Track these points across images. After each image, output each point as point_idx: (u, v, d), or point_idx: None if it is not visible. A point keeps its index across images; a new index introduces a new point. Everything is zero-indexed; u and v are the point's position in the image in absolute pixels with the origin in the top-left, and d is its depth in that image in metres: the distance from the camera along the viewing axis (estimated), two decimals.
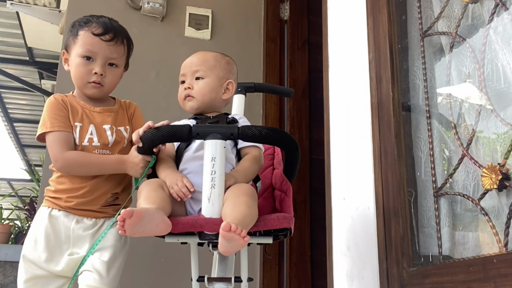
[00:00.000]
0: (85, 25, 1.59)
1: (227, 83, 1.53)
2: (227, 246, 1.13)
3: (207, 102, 1.51)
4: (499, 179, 1.22)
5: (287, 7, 3.18)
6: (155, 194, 1.27)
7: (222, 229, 1.08)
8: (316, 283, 2.78)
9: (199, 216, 1.25)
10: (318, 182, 2.48)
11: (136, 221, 1.12)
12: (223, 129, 1.28)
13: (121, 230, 1.11)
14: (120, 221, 1.10)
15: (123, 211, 1.10)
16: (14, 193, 6.56)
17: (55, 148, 1.53)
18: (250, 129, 1.29)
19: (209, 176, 1.25)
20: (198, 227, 1.22)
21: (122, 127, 1.63)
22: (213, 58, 1.55)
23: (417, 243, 1.49)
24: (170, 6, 2.95)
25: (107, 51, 1.58)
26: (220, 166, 1.25)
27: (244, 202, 1.23)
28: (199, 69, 1.52)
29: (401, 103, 1.61)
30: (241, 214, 1.18)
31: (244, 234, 1.09)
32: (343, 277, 1.71)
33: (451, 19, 1.52)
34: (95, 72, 1.57)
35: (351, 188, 1.75)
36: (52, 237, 1.52)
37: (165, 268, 2.59)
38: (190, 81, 1.52)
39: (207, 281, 1.30)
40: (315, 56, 3.07)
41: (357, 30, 1.83)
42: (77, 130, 1.56)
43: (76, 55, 1.58)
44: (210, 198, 1.24)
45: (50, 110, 1.57)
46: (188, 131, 1.28)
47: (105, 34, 1.58)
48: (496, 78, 1.31)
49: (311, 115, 3.03)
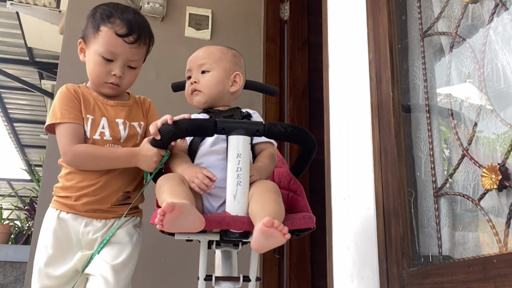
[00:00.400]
0: (108, 20, 1.48)
1: (234, 75, 1.50)
2: (263, 243, 1.09)
3: (214, 96, 1.47)
4: (499, 179, 1.22)
5: (287, 7, 3.18)
6: (180, 189, 1.22)
7: (264, 225, 1.05)
8: (316, 283, 2.78)
9: (225, 214, 1.20)
10: (318, 182, 2.48)
11: (176, 216, 1.07)
12: (249, 125, 1.25)
13: (159, 224, 1.06)
14: (160, 215, 1.05)
15: (165, 205, 1.04)
16: (14, 193, 6.56)
17: (64, 141, 1.45)
18: (276, 126, 1.27)
19: (234, 173, 1.21)
20: (225, 225, 1.18)
21: (136, 122, 1.55)
22: (219, 51, 1.51)
23: (417, 243, 1.48)
24: (170, 6, 2.95)
25: (129, 53, 1.50)
26: (245, 163, 1.22)
27: (273, 199, 1.20)
28: (204, 63, 1.48)
29: (401, 103, 1.61)
30: (272, 212, 1.15)
31: (286, 230, 1.06)
32: (343, 277, 1.71)
33: (451, 19, 1.52)
34: (114, 73, 1.50)
35: (351, 188, 1.74)
36: (63, 240, 1.47)
37: (165, 268, 2.59)
38: (196, 75, 1.48)
39: (215, 280, 1.27)
40: (315, 56, 3.07)
41: (357, 30, 1.82)
42: (89, 123, 1.48)
43: (95, 53, 1.49)
44: (235, 195, 1.20)
45: (61, 100, 1.49)
46: (213, 126, 1.23)
47: (129, 35, 1.49)
48: (496, 78, 1.31)
49: (311, 115, 3.03)
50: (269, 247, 1.12)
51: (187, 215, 1.09)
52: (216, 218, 1.17)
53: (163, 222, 1.06)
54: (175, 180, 1.26)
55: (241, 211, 1.20)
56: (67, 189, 1.50)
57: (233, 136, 1.23)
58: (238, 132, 1.23)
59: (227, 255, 1.36)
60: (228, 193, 1.22)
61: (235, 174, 1.21)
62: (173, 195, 1.18)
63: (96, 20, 1.50)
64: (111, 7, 1.52)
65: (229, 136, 1.24)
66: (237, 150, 1.22)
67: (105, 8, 1.52)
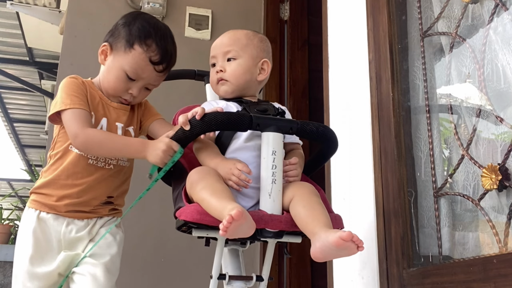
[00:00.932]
0: (145, 41, 1.43)
1: (262, 63, 1.40)
2: (332, 254, 1.07)
3: (242, 85, 1.38)
4: (499, 179, 1.22)
5: (287, 7, 3.18)
6: (222, 187, 1.15)
7: (342, 239, 1.01)
8: (316, 283, 2.78)
9: (262, 212, 1.16)
10: (318, 182, 2.48)
11: (242, 223, 1.03)
12: (284, 122, 1.22)
13: (224, 231, 1.01)
14: (228, 222, 0.99)
15: (236, 213, 0.99)
16: (14, 193, 6.57)
17: (75, 123, 1.37)
18: (308, 125, 1.24)
19: (269, 171, 1.17)
20: (263, 224, 1.13)
21: (132, 127, 1.52)
22: (245, 36, 1.41)
23: (417, 243, 1.48)
24: (170, 6, 2.95)
25: (153, 78, 1.47)
26: (280, 161, 1.19)
27: (321, 204, 1.17)
28: (230, 49, 1.39)
29: (401, 103, 1.61)
30: (327, 220, 1.12)
31: (362, 244, 1.03)
32: (343, 277, 1.71)
33: (451, 19, 1.52)
34: (130, 92, 1.46)
35: (351, 188, 1.74)
36: (43, 241, 1.42)
37: (165, 268, 2.59)
38: (221, 63, 1.39)
39: (228, 279, 1.24)
40: (315, 56, 3.07)
41: (357, 30, 1.83)
42: (92, 120, 1.43)
43: (121, 68, 1.44)
44: (271, 193, 1.17)
45: (71, 88, 1.42)
46: (249, 121, 1.19)
47: (161, 64, 1.45)
48: (496, 78, 1.31)
49: (311, 115, 3.02)
50: (333, 258, 1.10)
51: (247, 221, 1.05)
52: (255, 217, 1.11)
53: (228, 229, 1.01)
54: (213, 177, 1.17)
55: (277, 210, 1.17)
56: (49, 184, 1.45)
57: (269, 133, 1.19)
58: (272, 129, 1.19)
59: (235, 253, 1.35)
60: (263, 191, 1.18)
61: (270, 172, 1.17)
62: (217, 194, 1.11)
63: (132, 35, 1.44)
64: (151, 26, 1.47)
65: (264, 133, 1.20)
66: (272, 147, 1.19)
67: (144, 26, 1.46)
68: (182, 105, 1.53)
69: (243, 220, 1.02)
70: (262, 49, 1.42)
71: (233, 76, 1.37)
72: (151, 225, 2.59)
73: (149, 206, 2.49)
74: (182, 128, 1.21)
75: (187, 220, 1.13)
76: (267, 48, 1.44)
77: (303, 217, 1.14)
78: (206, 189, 1.13)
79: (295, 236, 1.23)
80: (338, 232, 1.03)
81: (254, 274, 1.26)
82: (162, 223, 2.54)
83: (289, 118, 1.32)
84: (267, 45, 1.45)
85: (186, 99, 1.54)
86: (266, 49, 1.43)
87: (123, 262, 1.53)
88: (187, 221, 1.13)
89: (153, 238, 2.61)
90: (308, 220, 1.13)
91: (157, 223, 2.58)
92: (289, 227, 1.15)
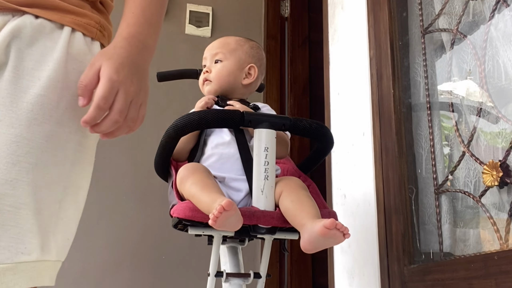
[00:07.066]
0: None
1: (249, 67, 1.44)
2: (320, 244, 1.06)
3: (225, 87, 1.42)
4: (500, 176, 1.22)
5: (288, 4, 3.17)
6: (211, 182, 1.16)
7: (325, 227, 1.01)
8: (317, 280, 2.78)
9: (254, 208, 1.16)
10: (319, 179, 2.48)
11: (231, 214, 1.02)
12: (277, 119, 1.23)
13: (213, 221, 1.01)
14: (219, 212, 0.99)
15: (226, 203, 0.99)
16: None
17: None
18: (301, 121, 1.25)
19: (262, 167, 1.18)
20: (255, 220, 1.14)
21: None
22: (235, 41, 1.47)
23: (418, 240, 1.49)
24: (171, 3, 2.95)
25: None
26: (272, 157, 1.19)
27: (309, 197, 1.17)
28: (218, 52, 1.44)
29: (402, 100, 1.61)
30: (316, 212, 1.12)
31: (347, 231, 1.03)
32: (344, 274, 1.71)
33: (452, 15, 1.51)
34: None
35: (352, 185, 1.75)
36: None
37: (166, 266, 2.59)
38: (209, 64, 1.45)
39: (225, 276, 1.24)
40: (315, 54, 3.07)
41: (358, 27, 1.82)
42: None
43: None
44: (263, 190, 1.17)
45: None
46: (240, 118, 1.20)
47: None
48: (497, 75, 1.31)
49: (312, 112, 3.02)
50: (322, 248, 1.09)
51: (236, 214, 1.05)
52: (246, 213, 1.12)
53: (218, 219, 1.01)
54: (202, 173, 1.19)
55: (269, 206, 1.17)
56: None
57: (261, 130, 1.20)
58: (265, 125, 1.20)
59: (234, 251, 1.35)
60: (255, 187, 1.19)
61: (262, 168, 1.18)
62: (207, 188, 1.12)
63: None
64: None
65: (256, 129, 1.21)
66: (265, 143, 1.19)
67: None
68: (183, 104, 1.52)
69: (233, 211, 1.02)
70: (250, 55, 1.46)
71: (217, 77, 1.42)
72: (152, 222, 2.60)
73: (150, 203, 2.49)
74: (173, 125, 1.24)
75: (180, 217, 1.13)
76: (257, 55, 1.48)
77: (292, 210, 1.14)
78: (196, 185, 1.14)
79: (291, 232, 1.22)
80: (322, 221, 1.03)
81: (251, 271, 1.26)
82: (163, 220, 2.53)
83: (281, 115, 1.32)
84: (258, 52, 1.49)
85: (187, 99, 1.53)
86: (256, 56, 1.47)
87: (124, 260, 1.52)
88: (180, 218, 1.13)
89: (154, 235, 2.61)
90: (296, 213, 1.13)
91: (158, 220, 2.58)
92: (281, 223, 1.15)
